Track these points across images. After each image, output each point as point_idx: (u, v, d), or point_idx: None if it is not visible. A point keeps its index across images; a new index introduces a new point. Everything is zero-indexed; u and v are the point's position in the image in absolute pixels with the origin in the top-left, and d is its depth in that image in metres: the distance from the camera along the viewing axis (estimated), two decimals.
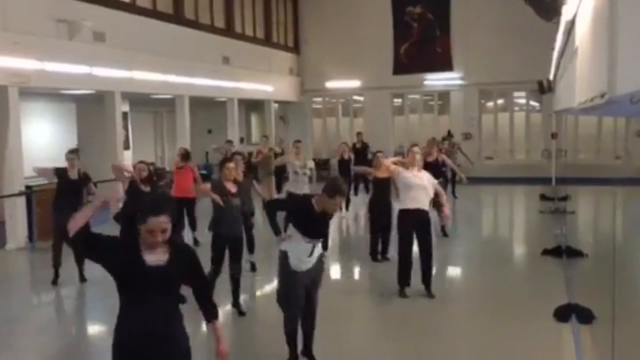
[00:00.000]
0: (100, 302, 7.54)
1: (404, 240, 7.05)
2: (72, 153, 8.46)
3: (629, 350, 5.44)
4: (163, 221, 3.11)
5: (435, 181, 7.25)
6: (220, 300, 6.67)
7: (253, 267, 8.58)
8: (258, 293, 8.10)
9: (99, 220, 4.99)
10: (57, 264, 8.19)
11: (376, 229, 9.02)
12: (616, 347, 4.60)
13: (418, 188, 6.94)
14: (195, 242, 9.83)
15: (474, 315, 6.86)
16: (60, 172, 8.25)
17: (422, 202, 6.95)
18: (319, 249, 5.02)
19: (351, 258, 9.87)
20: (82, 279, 8.09)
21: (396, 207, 7.58)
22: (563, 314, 6.29)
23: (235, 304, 6.82)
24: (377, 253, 9.06)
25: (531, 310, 6.76)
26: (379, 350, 5.87)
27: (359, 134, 17.82)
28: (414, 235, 7.07)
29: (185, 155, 10.15)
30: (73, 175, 8.25)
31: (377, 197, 9.01)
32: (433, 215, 8.21)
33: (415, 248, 7.18)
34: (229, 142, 14.37)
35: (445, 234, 10.83)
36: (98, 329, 6.88)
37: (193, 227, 10.12)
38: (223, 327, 3.42)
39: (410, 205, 6.91)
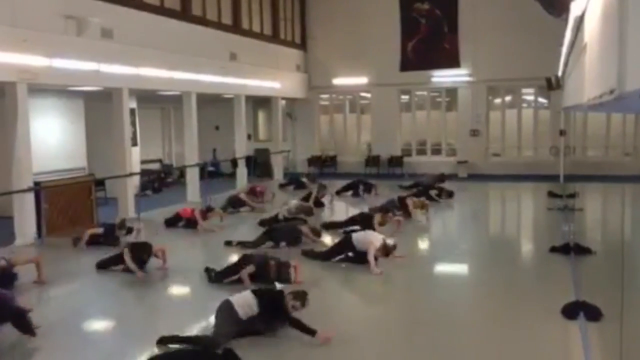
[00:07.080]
0: (100, 302, 7.59)
1: None
2: None
3: (637, 347, 5.43)
4: None
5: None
6: None
7: None
8: None
9: None
10: None
11: None
12: (624, 345, 4.59)
13: None
14: None
15: (481, 312, 6.85)
16: None
17: None
18: None
19: None
20: None
21: None
22: (571, 311, 6.26)
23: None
24: None
25: (539, 308, 6.74)
26: (383, 341, 5.89)
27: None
28: None
29: None
30: None
31: None
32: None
33: None
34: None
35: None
36: (100, 327, 6.91)
37: None
38: None
39: None
